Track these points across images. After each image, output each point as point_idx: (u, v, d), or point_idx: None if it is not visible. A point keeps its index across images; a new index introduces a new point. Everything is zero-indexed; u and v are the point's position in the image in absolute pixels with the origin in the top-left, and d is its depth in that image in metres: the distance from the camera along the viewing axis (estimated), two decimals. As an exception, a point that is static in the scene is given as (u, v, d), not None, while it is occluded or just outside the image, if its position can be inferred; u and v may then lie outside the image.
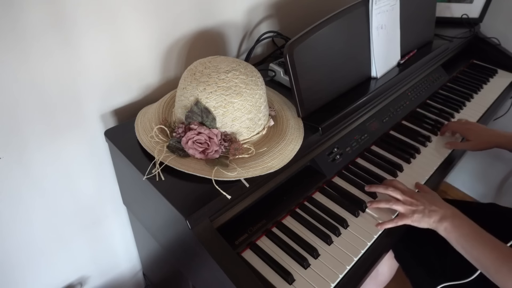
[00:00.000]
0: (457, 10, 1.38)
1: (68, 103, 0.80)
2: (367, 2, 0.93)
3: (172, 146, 0.73)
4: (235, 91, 0.71)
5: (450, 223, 0.76)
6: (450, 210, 0.78)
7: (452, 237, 0.75)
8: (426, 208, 0.79)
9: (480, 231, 0.74)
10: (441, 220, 0.77)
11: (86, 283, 1.11)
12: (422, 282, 0.91)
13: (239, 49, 1.13)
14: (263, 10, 1.12)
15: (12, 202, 0.81)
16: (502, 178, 1.69)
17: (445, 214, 0.77)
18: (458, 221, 0.76)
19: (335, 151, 0.93)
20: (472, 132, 1.02)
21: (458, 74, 1.40)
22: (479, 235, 0.73)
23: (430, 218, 0.78)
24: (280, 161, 0.74)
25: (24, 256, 0.90)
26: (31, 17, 0.67)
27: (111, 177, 0.98)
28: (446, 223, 0.76)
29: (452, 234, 0.75)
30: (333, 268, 0.73)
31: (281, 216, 0.83)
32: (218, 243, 0.66)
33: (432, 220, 0.77)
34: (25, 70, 0.71)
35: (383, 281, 1.10)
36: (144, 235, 1.03)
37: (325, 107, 0.91)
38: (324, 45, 0.87)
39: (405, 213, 0.80)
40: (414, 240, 0.94)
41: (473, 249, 0.73)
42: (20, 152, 0.78)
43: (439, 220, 0.77)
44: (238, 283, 0.62)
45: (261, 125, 0.77)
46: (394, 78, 1.03)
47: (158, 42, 0.90)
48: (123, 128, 0.84)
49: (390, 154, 1.02)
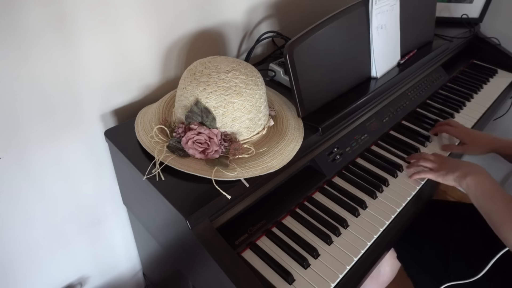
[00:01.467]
0: (457, 10, 1.38)
1: (68, 103, 0.80)
2: (367, 2, 0.93)
3: (172, 146, 0.73)
4: (235, 91, 0.71)
5: (473, 178, 0.80)
6: (476, 167, 0.83)
7: (471, 191, 0.80)
8: (452, 166, 0.85)
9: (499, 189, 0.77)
10: (464, 175, 0.81)
11: (86, 283, 1.11)
12: (424, 283, 0.91)
13: (239, 49, 1.13)
14: (263, 10, 1.12)
15: (12, 202, 0.81)
16: (502, 178, 1.69)
17: (469, 170, 0.82)
18: (480, 177, 0.80)
19: (335, 151, 0.93)
20: (469, 136, 1.02)
21: (458, 74, 1.40)
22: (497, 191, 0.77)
23: (453, 173, 0.83)
24: (280, 161, 0.74)
25: (24, 256, 0.90)
26: (32, 17, 0.67)
27: (111, 177, 0.98)
28: (468, 178, 0.80)
29: (472, 189, 0.80)
30: (333, 268, 0.73)
31: (281, 216, 0.83)
32: (218, 243, 0.66)
33: (456, 175, 0.83)
34: (26, 70, 0.71)
35: (385, 281, 1.10)
36: (144, 235, 1.03)
37: (325, 107, 0.91)
38: (324, 45, 0.87)
39: (433, 168, 0.88)
40: (416, 240, 0.94)
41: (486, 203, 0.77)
42: (20, 152, 0.78)
43: (462, 175, 0.82)
44: (238, 283, 0.62)
45: (261, 125, 0.77)
46: (394, 78, 1.03)
47: (158, 42, 0.90)
48: (123, 128, 0.84)
49: (390, 154, 1.02)
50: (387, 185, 0.92)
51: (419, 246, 0.93)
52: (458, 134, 1.04)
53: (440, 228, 0.96)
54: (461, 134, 1.03)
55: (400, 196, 0.90)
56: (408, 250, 0.94)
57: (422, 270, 0.91)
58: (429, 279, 0.89)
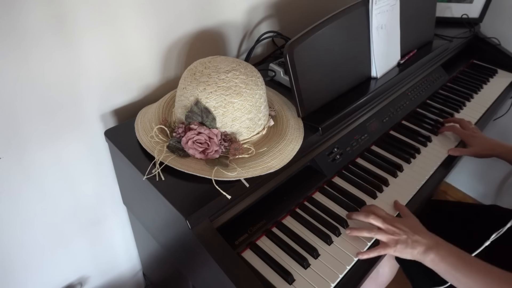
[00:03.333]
0: (457, 10, 1.38)
1: (68, 103, 0.80)
2: (367, 2, 0.93)
3: (172, 146, 0.73)
4: (235, 91, 0.71)
5: (436, 254, 0.72)
6: (433, 239, 0.75)
7: (441, 268, 0.72)
8: (409, 238, 0.75)
9: (468, 258, 0.71)
10: (426, 252, 0.73)
11: (86, 283, 1.11)
12: (422, 284, 0.91)
13: (239, 49, 1.13)
14: (263, 10, 1.12)
15: (12, 202, 0.81)
16: (503, 178, 1.69)
17: (429, 245, 0.73)
18: (444, 251, 0.72)
19: (335, 151, 0.93)
20: (474, 139, 1.02)
21: (458, 74, 1.40)
22: (469, 263, 0.70)
23: (414, 249, 0.74)
24: (280, 161, 0.74)
25: (24, 256, 0.90)
26: (32, 17, 0.67)
27: (111, 177, 0.98)
28: (432, 254, 0.72)
29: (441, 265, 0.72)
30: (333, 268, 0.73)
31: (281, 216, 0.83)
32: (218, 243, 0.66)
33: (416, 252, 0.74)
34: (26, 70, 0.71)
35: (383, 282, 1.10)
36: (144, 235, 1.03)
37: (325, 107, 0.91)
38: (324, 45, 0.87)
39: (388, 242, 0.76)
40: None
41: (465, 278, 0.69)
42: (20, 152, 0.78)
43: (424, 252, 0.73)
44: (238, 283, 0.62)
45: (261, 125, 0.77)
46: (394, 78, 1.03)
47: (158, 42, 0.90)
48: (123, 128, 0.84)
49: (390, 154, 1.02)
50: (387, 185, 0.92)
51: None
52: (465, 137, 1.04)
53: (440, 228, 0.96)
54: (468, 137, 1.03)
55: (400, 196, 0.90)
56: None
57: (421, 271, 0.91)
58: (427, 280, 0.89)
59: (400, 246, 0.75)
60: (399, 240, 0.75)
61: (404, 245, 0.75)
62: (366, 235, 0.79)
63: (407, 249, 0.74)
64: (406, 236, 0.75)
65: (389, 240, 0.76)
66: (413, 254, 0.74)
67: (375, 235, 0.78)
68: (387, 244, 0.76)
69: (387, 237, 0.76)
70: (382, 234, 0.77)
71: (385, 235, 0.77)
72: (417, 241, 0.74)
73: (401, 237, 0.75)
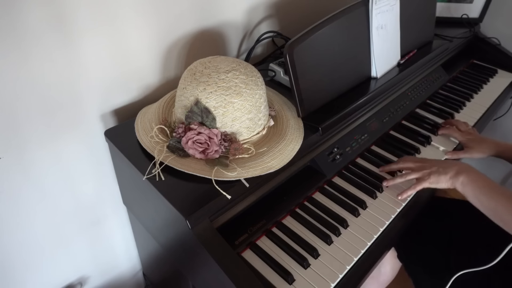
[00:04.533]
0: (457, 10, 1.38)
1: (68, 103, 0.80)
2: (367, 2, 0.93)
3: (172, 146, 0.73)
4: (235, 91, 0.71)
5: (466, 176, 0.78)
6: (464, 165, 0.81)
7: (469, 190, 0.77)
8: (440, 167, 0.82)
9: (494, 184, 0.76)
10: (457, 175, 0.79)
11: (86, 283, 1.11)
12: (424, 282, 0.90)
13: (239, 49, 1.13)
14: (263, 10, 1.12)
15: (12, 202, 0.81)
16: (502, 178, 1.69)
17: (460, 169, 0.80)
18: (473, 175, 0.78)
19: (335, 151, 0.93)
20: (471, 141, 1.02)
21: (458, 74, 1.40)
22: (494, 187, 0.76)
23: (446, 175, 0.80)
24: (280, 161, 0.74)
25: (24, 256, 0.90)
26: (32, 17, 0.67)
27: (111, 177, 0.98)
28: (462, 177, 0.78)
29: (468, 187, 0.77)
30: (333, 268, 0.73)
31: (281, 216, 0.83)
32: (218, 243, 0.66)
33: (448, 176, 0.80)
34: (26, 70, 0.71)
35: (385, 281, 1.09)
36: (144, 235, 1.03)
37: (325, 107, 0.91)
38: (324, 45, 0.87)
39: (422, 177, 0.83)
40: (417, 239, 0.94)
41: (489, 200, 0.74)
42: (20, 152, 0.78)
43: (455, 175, 0.79)
44: (238, 283, 0.62)
45: (261, 125, 0.77)
46: (394, 78, 1.03)
47: (158, 42, 0.90)
48: (123, 128, 0.84)
49: (390, 154, 1.02)
50: (387, 185, 0.92)
51: (420, 245, 0.93)
52: (462, 139, 1.04)
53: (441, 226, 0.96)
54: (464, 140, 1.04)
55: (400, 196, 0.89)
56: (409, 250, 0.94)
57: (423, 270, 0.91)
58: (430, 278, 0.89)
59: (433, 176, 0.82)
60: (431, 172, 0.83)
61: (436, 174, 0.82)
62: (399, 180, 0.87)
63: (440, 176, 0.81)
64: (436, 167, 0.83)
65: (423, 175, 0.83)
66: (446, 179, 0.80)
67: (409, 176, 0.85)
68: (422, 179, 0.83)
69: (419, 173, 0.84)
70: (414, 173, 0.85)
71: (417, 172, 0.84)
72: (448, 167, 0.81)
73: (432, 169, 0.83)
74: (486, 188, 0.76)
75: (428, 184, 0.82)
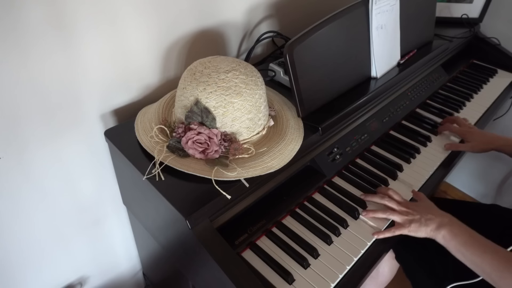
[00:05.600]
0: (457, 10, 1.38)
1: (68, 103, 0.80)
2: (367, 2, 0.93)
3: (172, 146, 0.73)
4: (235, 91, 0.71)
5: (448, 231, 0.75)
6: (447, 218, 0.78)
7: (451, 245, 0.75)
8: (422, 217, 0.78)
9: (478, 237, 0.74)
10: (438, 228, 0.76)
11: (86, 283, 1.11)
12: (423, 283, 0.91)
13: (239, 49, 1.13)
14: (263, 10, 1.12)
15: (12, 202, 0.81)
16: (502, 178, 1.69)
17: (442, 222, 0.77)
18: (456, 229, 0.75)
19: (335, 151, 0.93)
20: (471, 134, 1.03)
21: (458, 74, 1.40)
22: (478, 242, 0.73)
23: (427, 227, 0.77)
24: (280, 161, 0.74)
25: (24, 256, 0.90)
26: (32, 17, 0.67)
27: (111, 177, 0.98)
28: (444, 231, 0.75)
29: (451, 242, 0.74)
30: (333, 268, 0.73)
31: (281, 216, 0.83)
32: (218, 243, 0.66)
33: (429, 229, 0.77)
34: (26, 70, 0.71)
35: (383, 281, 1.10)
36: (144, 235, 1.03)
37: (325, 107, 0.91)
38: (324, 45, 0.87)
39: (402, 223, 0.80)
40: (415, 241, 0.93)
41: (473, 256, 0.72)
42: (20, 152, 0.78)
43: (437, 228, 0.76)
44: (238, 283, 0.62)
45: (261, 125, 0.77)
46: (394, 78, 1.03)
47: (158, 42, 0.90)
48: (123, 128, 0.84)
49: (390, 154, 1.02)
50: (387, 185, 0.92)
51: (419, 247, 0.93)
52: (462, 133, 1.05)
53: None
54: (464, 133, 1.04)
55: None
56: (407, 250, 0.94)
57: (421, 270, 0.91)
58: (428, 279, 0.89)
59: (414, 225, 0.78)
60: (413, 220, 0.79)
61: (418, 224, 0.78)
62: (380, 215, 0.82)
63: (421, 227, 0.77)
64: (419, 215, 0.79)
65: (403, 221, 0.80)
66: (426, 232, 0.77)
67: (390, 215, 0.81)
68: (401, 225, 0.79)
69: (401, 217, 0.80)
70: (396, 215, 0.81)
71: (399, 216, 0.80)
72: (430, 219, 0.78)
73: (415, 217, 0.79)
74: (469, 243, 0.73)
75: (407, 232, 0.79)
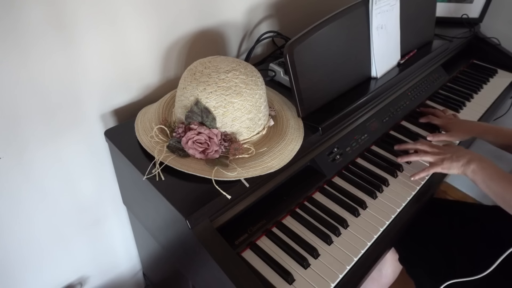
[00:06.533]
0: (457, 10, 1.38)
1: (68, 103, 0.80)
2: (367, 2, 0.93)
3: (172, 146, 0.73)
4: (235, 91, 0.71)
5: (477, 164, 0.82)
6: (475, 154, 0.84)
7: (479, 178, 0.81)
8: (453, 155, 0.85)
9: (504, 173, 0.80)
10: (468, 163, 0.82)
11: (86, 283, 1.11)
12: (426, 284, 0.90)
13: (239, 49, 1.13)
14: (263, 10, 1.12)
15: (12, 202, 0.81)
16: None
17: (472, 157, 0.83)
18: (484, 163, 0.82)
19: (335, 151, 0.93)
20: (451, 124, 1.05)
21: (458, 74, 1.40)
22: (503, 175, 0.79)
23: (458, 162, 0.84)
24: (280, 161, 0.74)
25: (24, 256, 0.90)
26: (32, 17, 0.67)
27: (111, 177, 0.98)
28: (473, 165, 0.82)
29: (479, 174, 0.81)
30: (333, 268, 0.73)
31: (281, 216, 0.83)
32: (218, 243, 0.66)
33: (460, 164, 0.83)
34: (26, 70, 0.71)
35: (386, 283, 1.09)
36: (144, 235, 1.03)
37: (325, 107, 0.91)
38: (324, 45, 0.87)
39: (435, 161, 0.87)
40: (418, 242, 0.94)
41: (498, 187, 0.78)
42: (20, 152, 0.78)
43: (467, 163, 0.83)
44: (238, 283, 0.62)
45: (261, 125, 0.77)
46: (394, 78, 1.03)
47: (158, 42, 0.90)
48: (123, 128, 0.84)
49: (390, 154, 1.01)
50: (387, 185, 0.92)
51: (421, 247, 0.93)
52: (442, 124, 1.07)
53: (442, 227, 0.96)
54: (445, 124, 1.07)
55: (400, 196, 0.90)
56: (410, 252, 0.94)
57: (425, 272, 0.91)
58: (431, 281, 0.89)
59: (446, 162, 0.85)
60: (445, 158, 0.86)
61: (449, 161, 0.85)
62: (414, 158, 0.92)
63: (453, 163, 0.85)
64: (450, 154, 0.87)
65: (436, 159, 0.87)
66: (458, 167, 0.84)
67: (423, 157, 0.90)
68: (434, 163, 0.87)
69: (434, 157, 0.88)
70: (429, 156, 0.89)
71: (432, 156, 0.89)
72: (461, 155, 0.85)
73: (446, 155, 0.87)
74: (495, 175, 0.79)
75: (441, 169, 0.86)
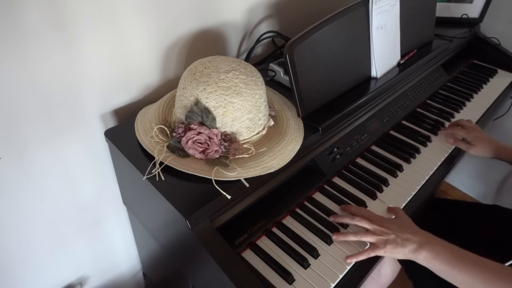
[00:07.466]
0: (457, 10, 1.38)
1: (68, 103, 0.80)
2: (367, 2, 0.93)
3: (172, 146, 0.73)
4: (235, 91, 0.71)
5: (428, 251, 0.69)
6: (424, 236, 0.72)
7: (435, 265, 0.69)
8: (398, 237, 0.72)
9: (463, 253, 0.69)
10: (418, 249, 0.70)
11: (86, 283, 1.11)
12: (424, 285, 0.90)
13: (239, 49, 1.13)
14: (263, 10, 1.12)
15: (12, 202, 0.81)
16: (502, 178, 1.69)
17: (421, 242, 0.71)
18: (437, 247, 0.69)
19: (335, 151, 0.93)
20: (478, 139, 1.00)
21: (458, 74, 1.40)
22: (464, 258, 0.68)
23: (404, 248, 0.71)
24: (280, 161, 0.74)
25: (24, 256, 0.90)
26: (32, 17, 0.67)
27: (111, 177, 0.98)
28: (424, 251, 0.69)
29: (434, 262, 0.69)
30: (333, 268, 0.73)
31: (281, 216, 0.83)
32: (218, 243, 0.66)
33: (407, 250, 0.71)
34: (26, 70, 0.71)
35: (385, 283, 1.09)
36: (144, 235, 1.03)
37: (325, 107, 0.91)
38: (324, 45, 0.87)
39: (377, 243, 0.73)
40: None
41: (461, 274, 0.66)
42: (20, 152, 0.78)
43: (416, 249, 0.70)
44: (238, 283, 0.62)
45: (261, 125, 0.77)
46: (394, 78, 1.03)
47: (158, 42, 0.90)
48: (123, 128, 0.84)
49: (390, 154, 1.02)
50: (387, 185, 0.92)
51: None
52: (468, 136, 1.02)
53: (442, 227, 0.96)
54: (470, 137, 1.01)
55: (400, 196, 0.90)
56: None
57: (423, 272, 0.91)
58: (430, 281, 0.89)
59: (389, 246, 0.72)
60: (388, 240, 0.72)
61: (393, 244, 0.71)
62: (352, 238, 0.76)
63: (398, 248, 0.71)
64: (395, 235, 0.72)
65: (378, 241, 0.73)
66: (404, 253, 0.71)
67: (362, 237, 0.74)
68: (376, 245, 0.73)
69: (375, 238, 0.73)
70: (369, 235, 0.74)
71: (373, 236, 0.73)
72: (407, 239, 0.71)
73: (389, 237, 0.72)
74: (454, 261, 0.67)
75: (383, 253, 0.72)
